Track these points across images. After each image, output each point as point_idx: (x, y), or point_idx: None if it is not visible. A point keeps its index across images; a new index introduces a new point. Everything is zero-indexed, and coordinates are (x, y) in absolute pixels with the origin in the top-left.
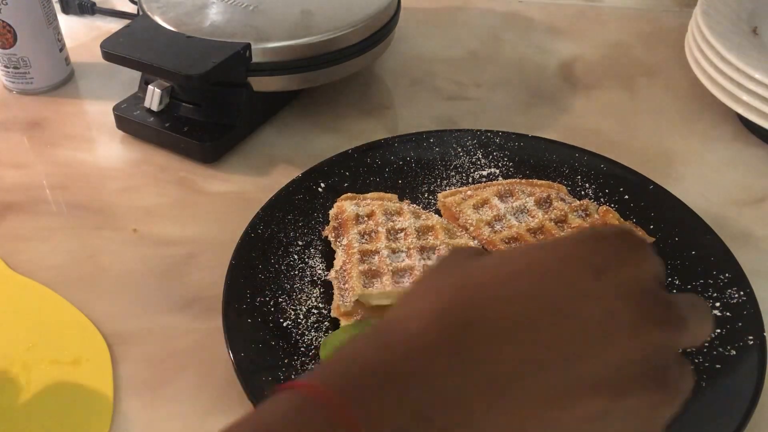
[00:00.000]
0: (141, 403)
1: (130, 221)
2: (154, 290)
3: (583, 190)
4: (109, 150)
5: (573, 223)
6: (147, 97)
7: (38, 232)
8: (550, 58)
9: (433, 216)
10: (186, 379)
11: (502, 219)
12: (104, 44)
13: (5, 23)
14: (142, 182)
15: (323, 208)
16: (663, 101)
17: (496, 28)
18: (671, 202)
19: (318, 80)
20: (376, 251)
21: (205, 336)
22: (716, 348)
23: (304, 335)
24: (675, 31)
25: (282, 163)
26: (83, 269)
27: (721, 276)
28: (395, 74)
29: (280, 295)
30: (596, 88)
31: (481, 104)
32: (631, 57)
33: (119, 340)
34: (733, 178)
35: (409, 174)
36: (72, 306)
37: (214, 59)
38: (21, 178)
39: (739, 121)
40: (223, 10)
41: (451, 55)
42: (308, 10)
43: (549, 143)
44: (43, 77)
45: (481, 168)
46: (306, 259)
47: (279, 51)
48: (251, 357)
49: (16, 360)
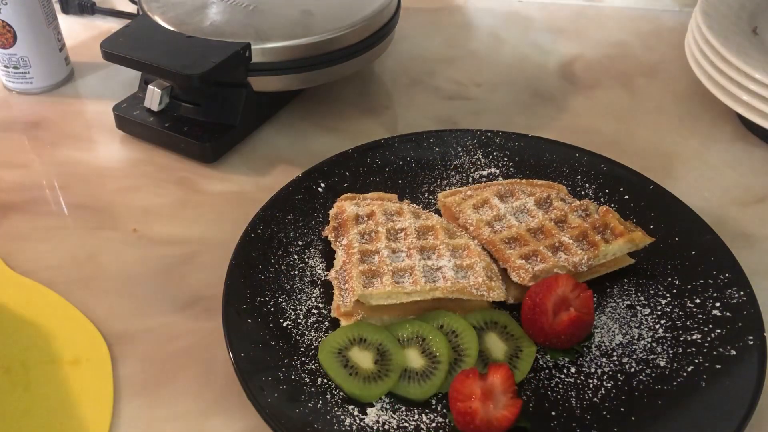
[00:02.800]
0: (141, 403)
1: (130, 221)
2: (154, 290)
3: (583, 190)
4: (109, 150)
5: (573, 223)
6: (147, 97)
7: (38, 232)
8: (550, 58)
9: (433, 216)
10: (186, 379)
11: (502, 219)
12: (104, 44)
13: (5, 23)
14: (142, 182)
15: (323, 208)
16: (663, 101)
17: (496, 28)
18: (671, 202)
19: (318, 80)
20: (376, 251)
21: (205, 336)
22: (716, 348)
23: (304, 335)
24: (675, 31)
25: (282, 163)
26: (83, 269)
27: (721, 276)
28: (395, 74)
29: (280, 295)
30: (596, 88)
31: (481, 104)
32: (631, 57)
33: (119, 340)
34: (733, 178)
35: (409, 174)
36: (72, 306)
37: (214, 59)
38: (21, 178)
39: (739, 121)
40: (223, 10)
41: (451, 55)
42: (308, 10)
43: (549, 143)
44: (43, 77)
45: (481, 168)
46: (306, 259)
47: (279, 51)
48: (251, 357)
49: (16, 360)
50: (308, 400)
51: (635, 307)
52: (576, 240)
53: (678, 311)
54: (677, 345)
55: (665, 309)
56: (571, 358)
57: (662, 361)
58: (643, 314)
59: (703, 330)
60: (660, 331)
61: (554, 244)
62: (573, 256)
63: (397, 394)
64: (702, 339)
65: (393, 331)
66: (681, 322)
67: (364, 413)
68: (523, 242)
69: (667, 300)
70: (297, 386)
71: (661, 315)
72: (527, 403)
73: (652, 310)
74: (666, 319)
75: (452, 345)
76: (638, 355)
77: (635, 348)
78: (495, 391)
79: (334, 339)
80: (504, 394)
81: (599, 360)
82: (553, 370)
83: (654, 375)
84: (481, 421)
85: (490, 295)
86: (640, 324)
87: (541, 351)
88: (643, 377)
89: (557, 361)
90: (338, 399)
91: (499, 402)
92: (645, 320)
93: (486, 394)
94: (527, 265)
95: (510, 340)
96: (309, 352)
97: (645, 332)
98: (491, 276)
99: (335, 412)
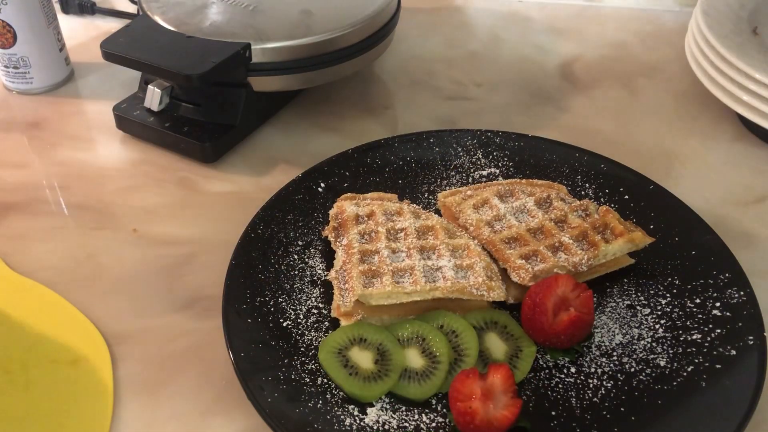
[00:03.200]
0: (141, 403)
1: (130, 221)
2: (154, 290)
3: (583, 190)
4: (109, 150)
5: (573, 223)
6: (147, 97)
7: (38, 232)
8: (550, 58)
9: (433, 216)
10: (186, 379)
11: (502, 219)
12: (104, 44)
13: (5, 23)
14: (142, 182)
15: (323, 208)
16: (663, 101)
17: (496, 28)
18: (671, 202)
19: (318, 80)
20: (376, 251)
21: (205, 336)
22: (716, 348)
23: (304, 335)
24: (675, 31)
25: (282, 163)
26: (83, 269)
27: (721, 276)
28: (395, 74)
29: (280, 295)
30: (596, 88)
31: (481, 104)
32: (631, 57)
33: (119, 340)
34: (733, 178)
35: (409, 174)
36: (72, 306)
37: (214, 59)
38: (21, 178)
39: (739, 121)
40: (223, 10)
41: (451, 55)
42: (308, 10)
43: (549, 143)
44: (43, 77)
45: (481, 168)
46: (306, 259)
47: (279, 51)
48: (251, 357)
49: (16, 360)
50: (308, 400)
51: (635, 307)
52: (576, 240)
53: (678, 311)
54: (677, 345)
55: (665, 309)
56: (571, 358)
57: (662, 361)
58: (643, 314)
59: (703, 330)
60: (660, 331)
61: (554, 244)
62: (573, 256)
63: (397, 394)
64: (702, 339)
65: (393, 331)
66: (681, 322)
67: (364, 413)
68: (523, 242)
69: (667, 300)
70: (297, 386)
71: (661, 315)
72: (527, 403)
73: (652, 310)
74: (666, 319)
75: (452, 345)
76: (638, 355)
77: (635, 348)
78: (495, 391)
79: (334, 339)
80: (504, 394)
81: (599, 360)
82: (553, 370)
83: (654, 375)
84: (481, 421)
85: (490, 295)
86: (640, 324)
87: (541, 351)
88: (643, 377)
89: (557, 361)
90: (338, 399)
91: (499, 402)
92: (645, 320)
93: (486, 394)
94: (527, 265)
95: (510, 340)
96: (309, 352)
97: (645, 332)
98: (491, 276)
99: (335, 412)
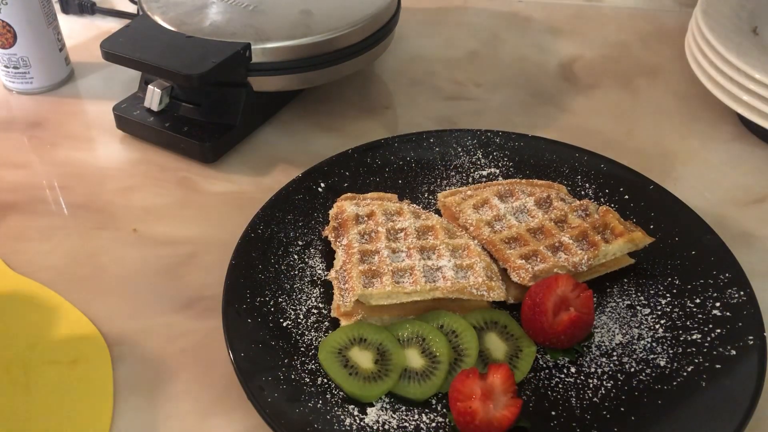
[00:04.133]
0: (141, 403)
1: (130, 221)
2: (154, 290)
3: (583, 190)
4: (109, 150)
5: (573, 223)
6: (147, 97)
7: (38, 232)
8: (550, 58)
9: (433, 216)
10: (186, 379)
11: (502, 219)
12: (104, 44)
13: (5, 23)
14: (142, 182)
15: (323, 208)
16: (663, 101)
17: (496, 28)
18: (671, 202)
19: (318, 80)
20: (376, 251)
21: (205, 336)
22: (716, 348)
23: (304, 335)
24: (675, 31)
25: (282, 163)
26: (83, 269)
27: (721, 276)
28: (395, 74)
29: (280, 295)
30: (596, 88)
31: (481, 104)
32: (631, 57)
33: (119, 340)
34: (733, 178)
35: (409, 174)
36: (72, 306)
37: (214, 59)
38: (21, 178)
39: (739, 121)
40: (223, 10)
41: (451, 55)
42: (308, 10)
43: (549, 143)
44: (43, 77)
45: (481, 168)
46: (306, 259)
47: (279, 51)
48: (251, 357)
49: (16, 360)
50: (308, 400)
51: (635, 307)
52: (576, 240)
53: (678, 311)
54: (677, 345)
55: (665, 309)
56: (571, 358)
57: (662, 361)
58: (643, 314)
59: (703, 330)
60: (660, 331)
61: (554, 244)
62: (573, 256)
63: (397, 394)
64: (702, 339)
65: (393, 331)
66: (681, 322)
67: (364, 413)
68: (523, 242)
69: (667, 300)
70: (297, 386)
71: (661, 315)
72: (527, 403)
73: (652, 310)
74: (666, 319)
75: (452, 345)
76: (638, 355)
77: (635, 348)
78: (495, 391)
79: (334, 339)
80: (504, 394)
81: (599, 360)
82: (553, 370)
83: (654, 375)
84: (481, 421)
85: (490, 295)
86: (640, 324)
87: (541, 351)
88: (643, 377)
89: (557, 361)
90: (338, 399)
91: (499, 402)
92: (645, 320)
93: (486, 394)
94: (527, 265)
95: (510, 340)
96: (309, 352)
97: (645, 332)
98: (491, 276)
99: (335, 412)
